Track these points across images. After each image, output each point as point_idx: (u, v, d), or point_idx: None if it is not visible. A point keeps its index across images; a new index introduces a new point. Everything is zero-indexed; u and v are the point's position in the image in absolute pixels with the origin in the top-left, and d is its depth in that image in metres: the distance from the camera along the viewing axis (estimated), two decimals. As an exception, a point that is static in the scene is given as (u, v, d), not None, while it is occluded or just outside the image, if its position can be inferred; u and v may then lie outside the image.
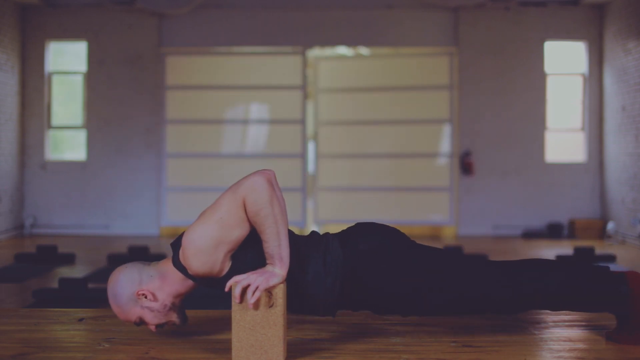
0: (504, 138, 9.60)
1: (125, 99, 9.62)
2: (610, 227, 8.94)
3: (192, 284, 2.21)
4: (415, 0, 9.58)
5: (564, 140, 9.80)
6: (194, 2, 9.33)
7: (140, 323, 2.24)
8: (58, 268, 6.68)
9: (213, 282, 2.18)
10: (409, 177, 9.88)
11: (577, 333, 2.42)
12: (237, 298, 2.02)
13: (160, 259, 2.46)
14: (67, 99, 9.97)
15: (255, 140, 9.93)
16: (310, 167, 10.73)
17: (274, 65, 9.89)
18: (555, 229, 9.36)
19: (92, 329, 2.48)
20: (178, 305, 2.25)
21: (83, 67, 9.76)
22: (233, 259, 2.14)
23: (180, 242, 2.15)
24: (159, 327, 2.25)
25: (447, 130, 9.75)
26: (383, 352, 2.19)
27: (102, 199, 9.61)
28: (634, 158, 8.55)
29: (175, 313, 2.24)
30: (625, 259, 7.41)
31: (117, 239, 9.01)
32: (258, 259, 2.14)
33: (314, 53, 10.24)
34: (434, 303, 2.23)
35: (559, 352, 2.20)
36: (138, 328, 2.43)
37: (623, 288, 2.20)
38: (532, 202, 9.55)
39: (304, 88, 9.77)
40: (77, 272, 6.47)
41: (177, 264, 2.18)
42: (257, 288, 2.01)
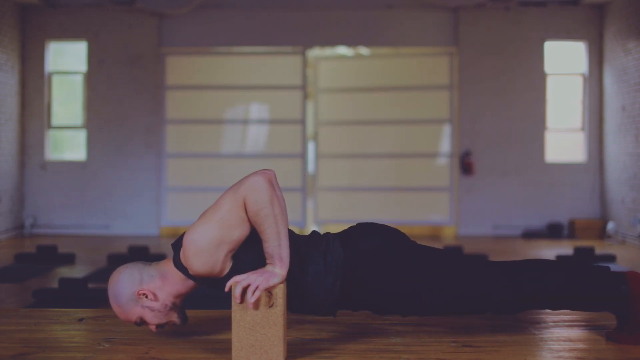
0: (504, 138, 9.60)
1: (125, 99, 9.62)
2: (610, 227, 8.94)
3: (192, 284, 2.21)
4: (415, 0, 9.58)
5: (564, 140, 9.80)
6: (194, 2, 9.33)
7: (141, 323, 2.23)
8: (58, 268, 6.68)
9: (214, 282, 2.18)
10: (409, 177, 9.88)
11: (577, 333, 2.42)
12: (237, 298, 2.02)
13: (161, 259, 2.46)
14: (67, 99, 9.98)
15: (255, 140, 9.93)
16: (310, 167, 10.73)
17: (274, 65, 9.89)
18: (555, 229, 9.36)
19: (92, 329, 2.48)
20: (179, 305, 2.24)
21: (83, 67, 9.77)
22: (234, 259, 2.14)
23: (181, 242, 2.15)
24: (160, 327, 2.25)
25: (447, 130, 9.75)
26: (383, 352, 2.19)
27: (102, 199, 9.61)
28: (634, 158, 8.55)
29: (176, 313, 2.24)
30: (625, 259, 7.41)
31: (117, 239, 9.01)
32: (259, 259, 2.13)
33: (314, 53, 10.24)
34: (434, 303, 2.23)
35: (559, 352, 2.20)
36: (138, 328, 2.42)
37: (623, 288, 2.20)
38: (532, 202, 9.55)
39: (304, 88, 9.77)
40: (77, 272, 6.47)
41: (178, 265, 2.18)
42: (257, 288, 2.01)
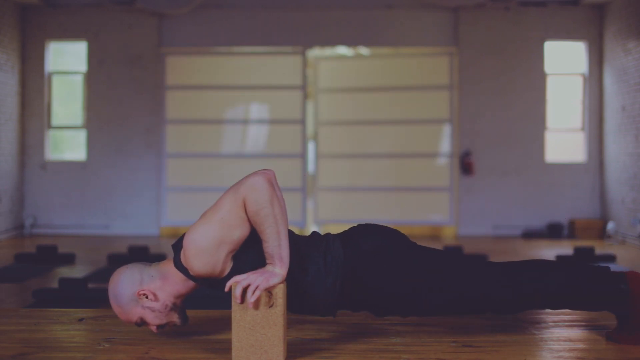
0: (504, 138, 9.60)
1: (125, 99, 9.62)
2: (610, 227, 8.94)
3: (193, 285, 2.21)
4: (415, 0, 9.58)
5: (564, 140, 9.80)
6: (194, 2, 9.33)
7: (142, 323, 2.23)
8: (58, 268, 6.68)
9: (214, 282, 2.17)
10: (409, 177, 9.88)
11: (577, 333, 2.42)
12: (237, 298, 2.02)
13: (161, 259, 2.46)
14: (67, 99, 9.97)
15: (255, 140, 9.93)
16: (310, 167, 10.73)
17: (274, 65, 9.89)
18: (555, 229, 9.36)
19: (92, 329, 2.48)
20: (179, 306, 2.24)
21: (83, 67, 9.77)
22: (234, 260, 2.14)
23: (182, 243, 2.15)
24: (160, 327, 2.24)
25: (447, 130, 9.75)
26: (383, 352, 2.19)
27: (102, 199, 9.61)
28: (634, 158, 8.55)
29: (176, 313, 2.23)
30: (625, 259, 7.41)
31: (117, 239, 9.01)
32: (259, 260, 2.13)
33: (314, 53, 10.24)
34: (434, 303, 2.23)
35: (559, 352, 2.20)
36: (138, 328, 2.42)
37: (623, 288, 2.20)
38: (532, 202, 9.55)
39: (304, 88, 9.77)
40: (77, 272, 6.47)
41: (178, 265, 2.17)
42: (257, 288, 2.01)
